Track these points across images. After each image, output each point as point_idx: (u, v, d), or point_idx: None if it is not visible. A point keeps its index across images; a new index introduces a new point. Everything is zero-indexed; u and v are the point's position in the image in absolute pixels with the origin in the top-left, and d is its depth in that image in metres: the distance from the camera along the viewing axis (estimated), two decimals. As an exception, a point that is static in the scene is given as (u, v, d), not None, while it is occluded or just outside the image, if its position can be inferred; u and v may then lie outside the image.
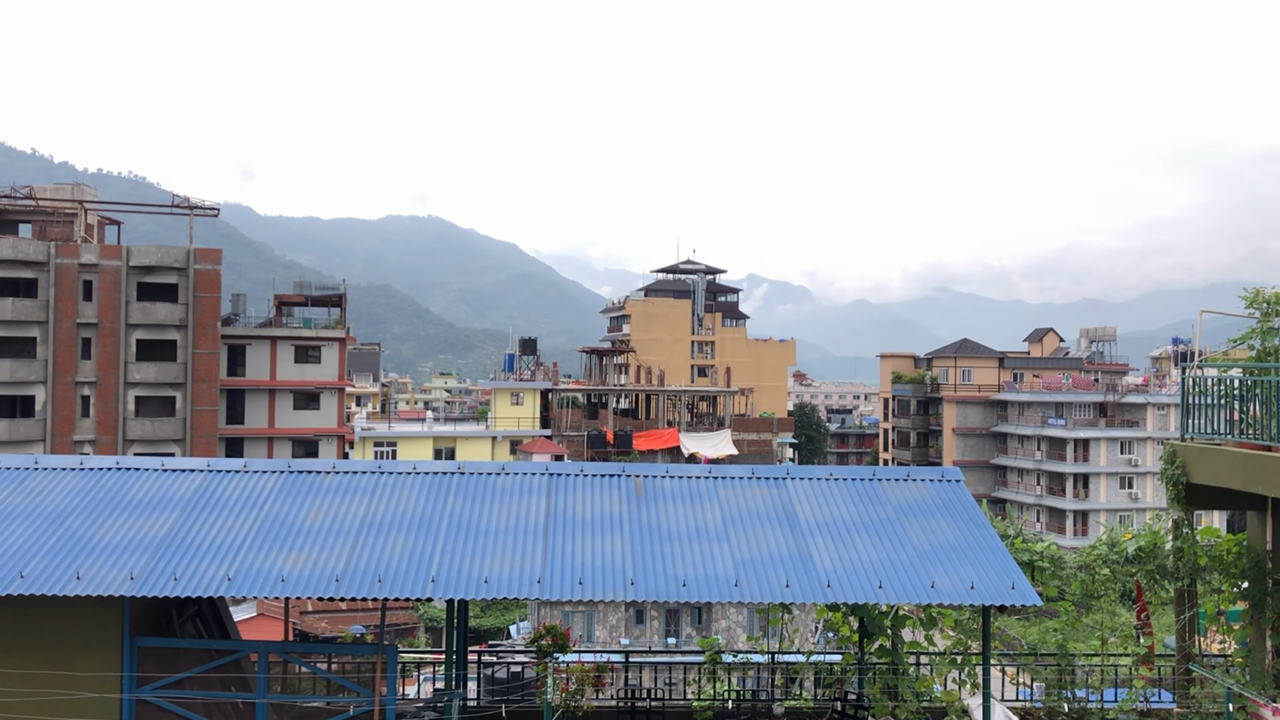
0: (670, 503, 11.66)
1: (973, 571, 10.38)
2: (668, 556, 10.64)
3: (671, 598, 10.10)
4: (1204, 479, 12.33)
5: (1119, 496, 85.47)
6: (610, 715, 12.44)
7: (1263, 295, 13.42)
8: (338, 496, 11.46)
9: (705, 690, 12.88)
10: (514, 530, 10.97)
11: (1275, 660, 12.21)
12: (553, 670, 11.47)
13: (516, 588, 10.12)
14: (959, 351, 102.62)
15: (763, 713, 12.26)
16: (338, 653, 12.87)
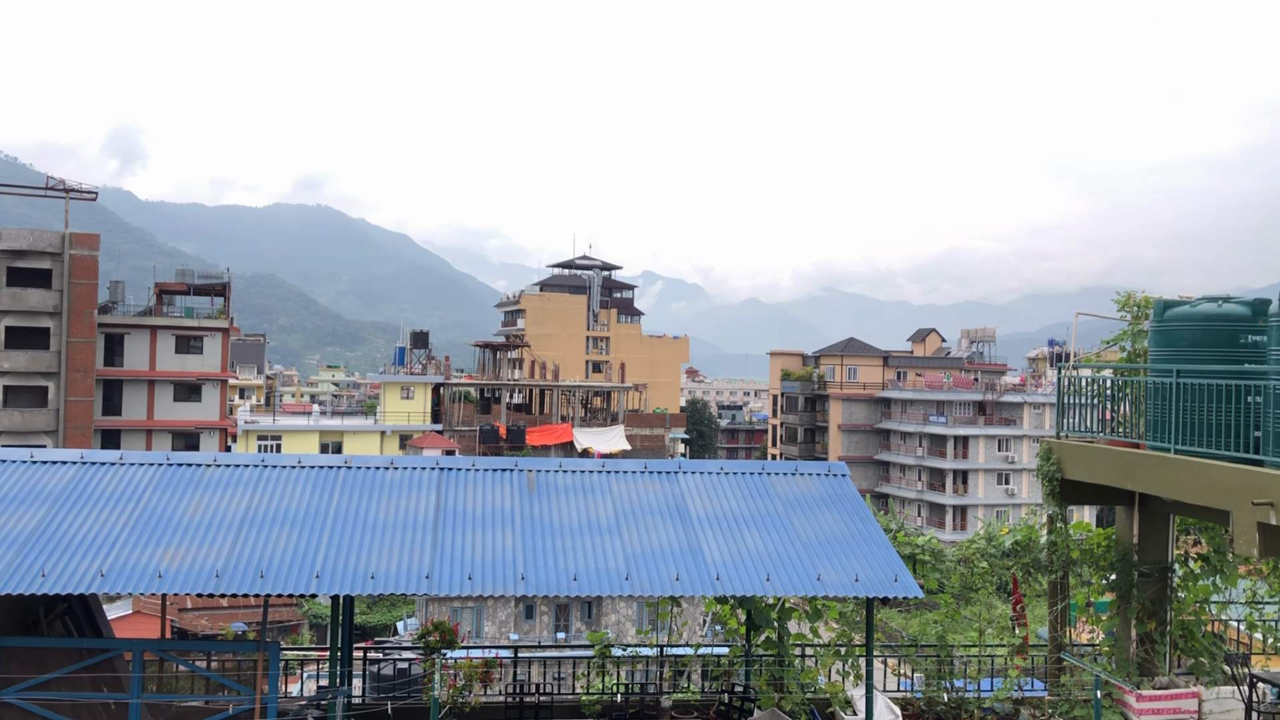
0: (562, 497, 11.64)
1: (857, 564, 10.60)
2: (559, 551, 10.61)
3: (562, 592, 10.08)
4: (1077, 475, 12.82)
5: (997, 492, 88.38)
6: (498, 711, 12.37)
7: (1133, 299, 14.03)
8: (219, 490, 11.13)
9: (594, 684, 12.89)
10: (402, 525, 10.81)
11: (1139, 649, 12.78)
12: (440, 666, 11.35)
13: (404, 583, 9.97)
14: (845, 350, 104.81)
15: (650, 706, 12.34)
16: (217, 650, 12.52)
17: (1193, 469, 10.74)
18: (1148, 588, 12.79)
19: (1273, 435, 9.90)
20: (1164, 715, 12.01)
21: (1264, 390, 10.16)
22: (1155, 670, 12.62)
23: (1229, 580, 13.50)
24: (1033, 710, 12.30)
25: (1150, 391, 11.83)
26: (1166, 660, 12.90)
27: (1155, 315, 12.07)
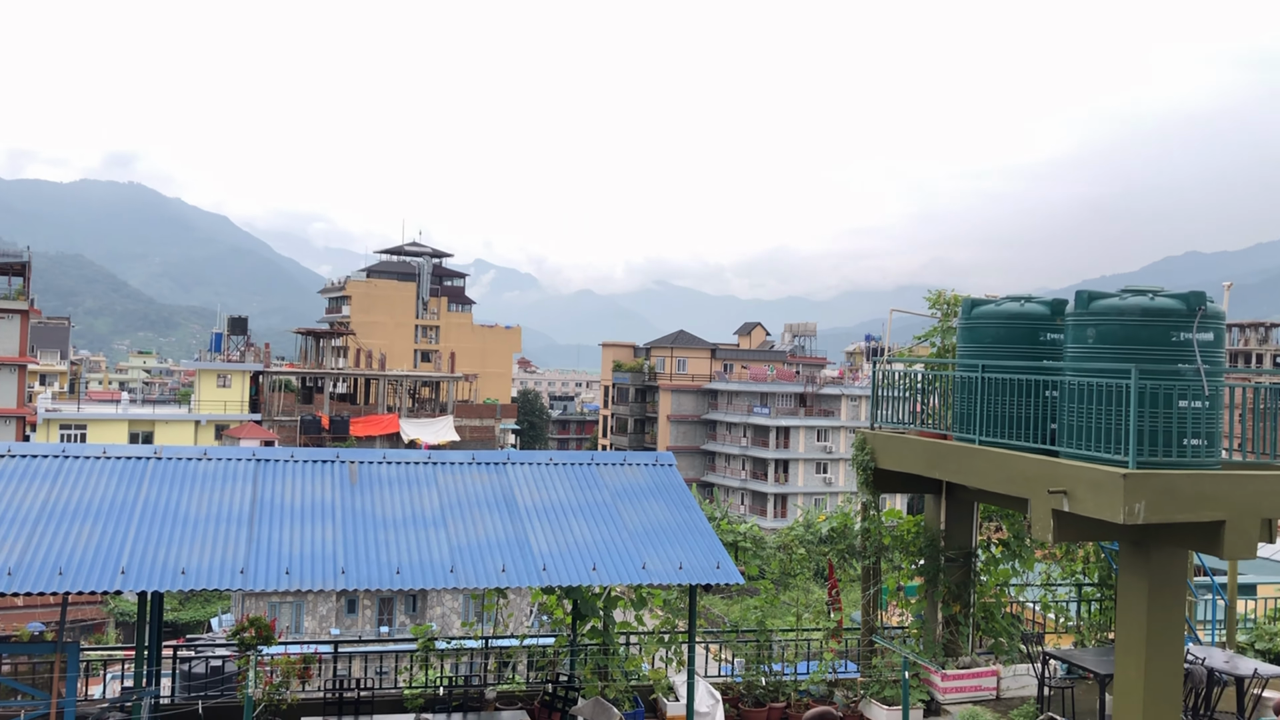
0: (386, 489, 11.41)
1: (681, 552, 10.78)
2: (382, 544, 10.40)
3: (384, 586, 9.89)
4: (890, 465, 13.38)
5: (815, 481, 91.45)
6: (316, 707, 12.03)
7: (943, 298, 14.73)
8: (13, 482, 10.42)
9: (417, 678, 12.70)
10: (215, 519, 10.38)
11: (945, 630, 13.46)
12: (255, 663, 10.95)
13: (217, 579, 9.58)
14: (675, 342, 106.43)
15: (474, 697, 12.24)
16: (10, 652, 11.73)
17: (995, 459, 11.35)
18: (953, 572, 13.47)
19: (1067, 428, 10.55)
20: (966, 692, 12.70)
21: (1060, 385, 10.82)
22: (959, 650, 13.31)
23: (1026, 564, 14.36)
24: (846, 691, 12.79)
25: (958, 385, 12.43)
26: (969, 641, 13.63)
27: (963, 313, 12.69)
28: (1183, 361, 10.05)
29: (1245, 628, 15.36)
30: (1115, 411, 9.97)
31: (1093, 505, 9.79)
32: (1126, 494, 9.39)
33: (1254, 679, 11.02)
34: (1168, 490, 9.52)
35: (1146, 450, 9.76)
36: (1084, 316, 10.60)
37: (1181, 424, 9.92)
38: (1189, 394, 9.97)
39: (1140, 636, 10.17)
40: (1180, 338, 10.10)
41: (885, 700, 12.23)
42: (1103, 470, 9.72)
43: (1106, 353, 10.26)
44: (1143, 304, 10.23)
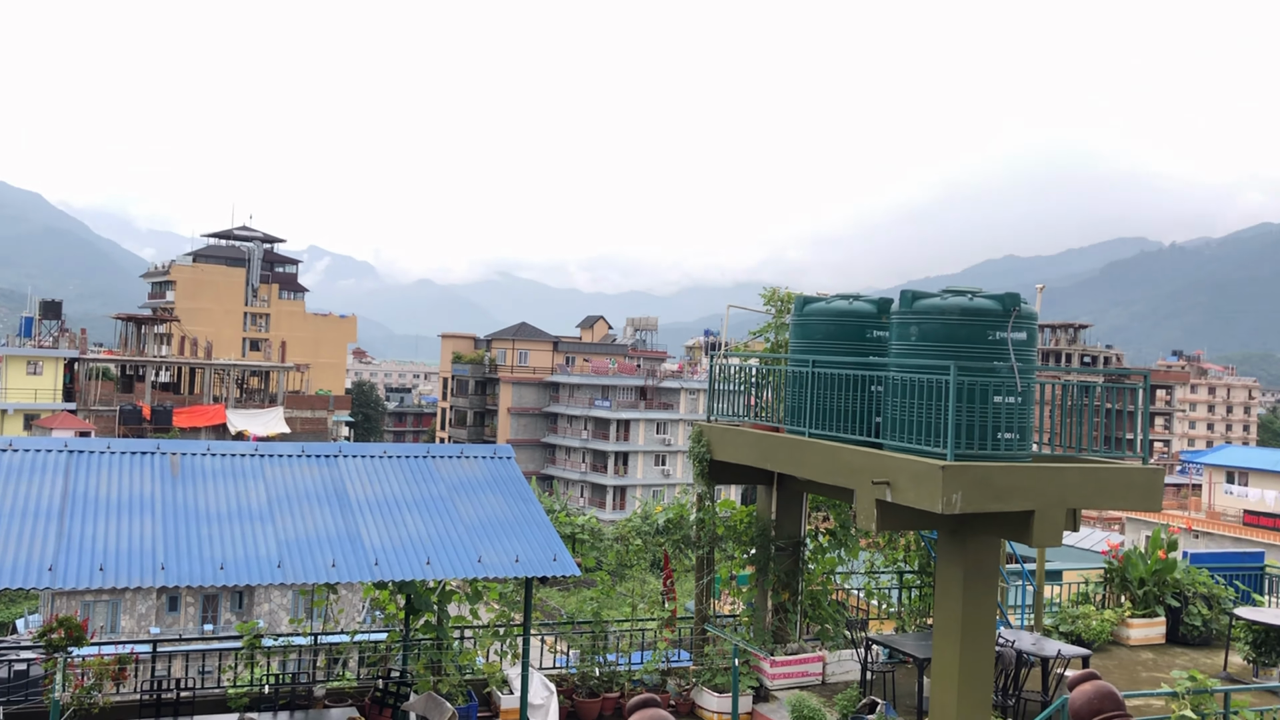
0: (210, 482, 10.97)
1: (518, 545, 10.74)
2: (205, 538, 9.99)
3: (207, 582, 9.50)
4: (725, 457, 13.65)
5: (654, 473, 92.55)
6: (132, 709, 11.47)
7: (778, 294, 15.11)
8: None
9: (242, 677, 12.27)
10: (21, 513, 9.77)
11: (774, 617, 13.82)
12: (64, 665, 10.36)
13: (21, 577, 9.02)
14: (517, 334, 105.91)
15: (302, 695, 11.90)
16: None
17: (824, 451, 11.71)
18: (783, 561, 13.85)
19: (891, 421, 10.97)
20: (794, 678, 13.08)
21: (885, 381, 11.24)
22: (787, 637, 13.70)
23: (852, 553, 14.88)
24: (679, 680, 12.99)
25: (790, 379, 12.77)
26: (797, 627, 14.04)
27: (796, 310, 13.04)
28: (998, 359, 10.58)
29: (1051, 611, 16.32)
30: (935, 406, 10.42)
31: (914, 495, 10.22)
32: (945, 485, 9.83)
33: (1057, 659, 11.72)
34: (983, 481, 10.01)
35: (964, 443, 10.24)
36: (908, 315, 11.04)
37: (996, 418, 10.45)
38: (1003, 390, 10.51)
39: (956, 621, 10.67)
40: (996, 336, 10.63)
41: (716, 688, 12.48)
42: (923, 462, 10.15)
43: (928, 350, 10.71)
44: (962, 304, 10.72)
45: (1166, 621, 16.12)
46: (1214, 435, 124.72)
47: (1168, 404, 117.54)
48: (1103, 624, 15.45)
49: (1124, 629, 15.85)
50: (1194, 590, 16.21)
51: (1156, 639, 15.97)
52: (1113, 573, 16.74)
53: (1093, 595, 16.93)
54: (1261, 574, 19.32)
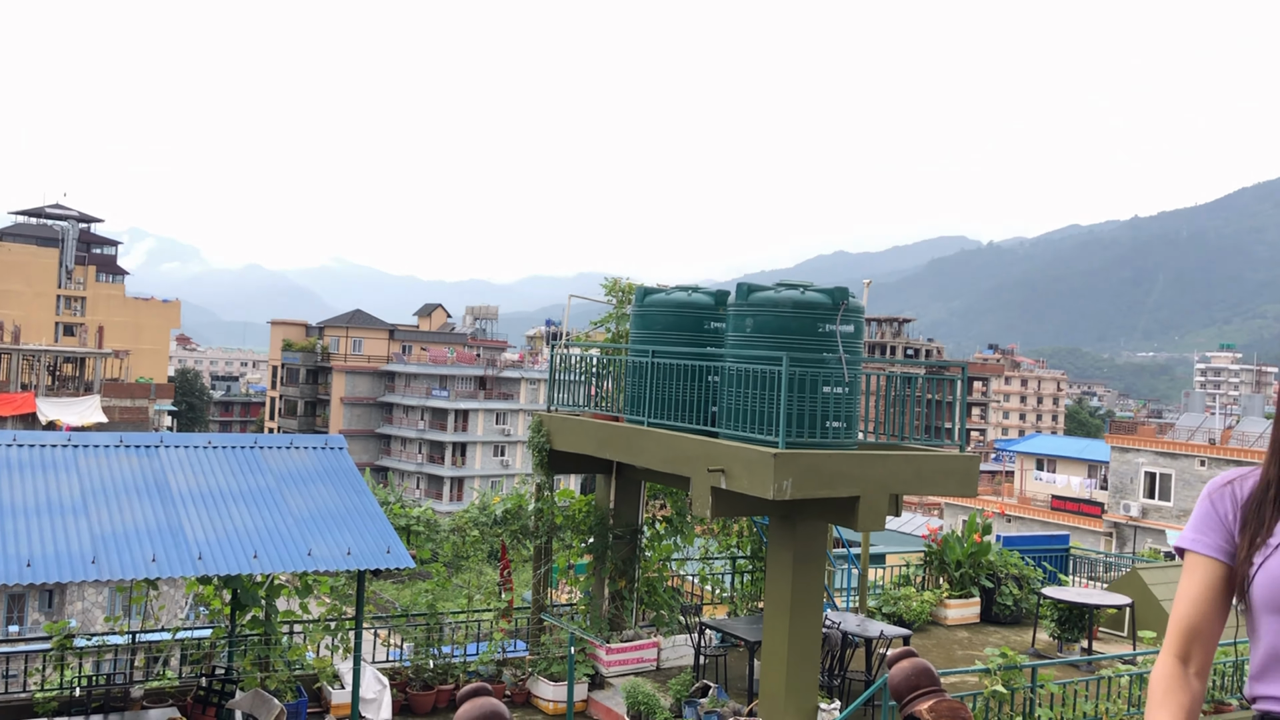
0: (17, 474, 10.32)
1: (350, 538, 10.50)
2: (10, 534, 9.39)
3: (12, 580, 8.94)
4: (564, 446, 13.67)
5: (493, 464, 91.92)
6: (-75, 720, 10.72)
7: (619, 285, 15.21)
8: None
9: (51, 679, 11.60)
10: None
11: (611, 605, 13.94)
12: None
13: None
14: (351, 322, 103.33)
15: (118, 697, 11.34)
16: None
17: (662, 440, 11.87)
18: (620, 549, 13.98)
19: (726, 410, 11.21)
20: (630, 664, 13.22)
21: (721, 371, 11.48)
22: (624, 624, 13.83)
23: (687, 539, 15.13)
24: (514, 670, 12.96)
25: (629, 369, 12.89)
26: (633, 614, 14.20)
27: (636, 300, 13.16)
28: (827, 351, 10.93)
29: (875, 593, 16.98)
30: (768, 396, 10.70)
31: (747, 482, 10.47)
32: (776, 472, 10.11)
33: (880, 639, 12.21)
34: (812, 468, 10.34)
35: (794, 432, 10.55)
36: (743, 307, 11.30)
37: (825, 408, 10.80)
38: (832, 381, 10.87)
39: (785, 604, 11.00)
40: (826, 329, 10.98)
41: (552, 676, 12.51)
42: (756, 450, 10.41)
43: (762, 341, 10.98)
44: (794, 297, 11.03)
45: (981, 601, 17.00)
46: (1025, 425, 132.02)
47: (984, 395, 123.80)
48: (922, 605, 16.18)
49: (942, 609, 16.64)
50: (1006, 572, 17.13)
51: (972, 618, 16.82)
52: (932, 556, 17.54)
53: (913, 577, 17.70)
54: (1067, 555, 20.60)
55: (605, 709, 12.39)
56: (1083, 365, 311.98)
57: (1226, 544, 2.16)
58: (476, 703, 1.41)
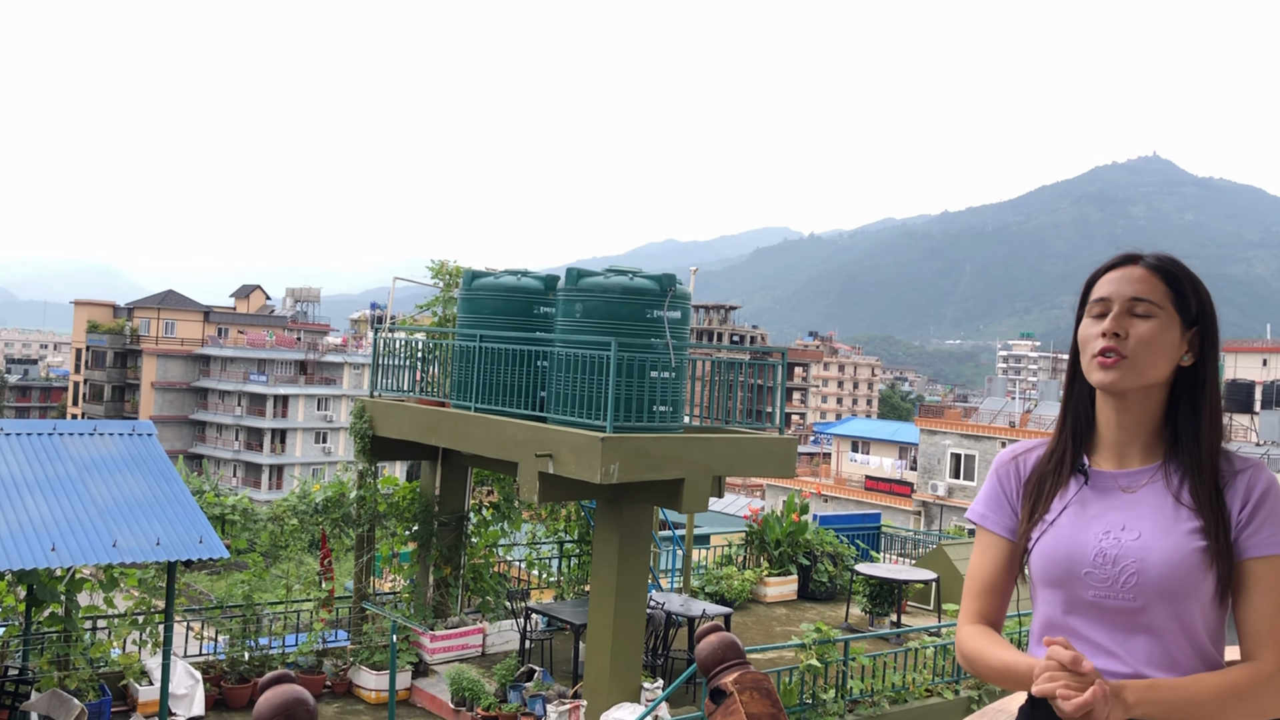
0: None
1: (160, 528, 10.04)
2: None
3: None
4: (388, 432, 13.43)
5: (315, 451, 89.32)
6: None
7: (446, 268, 15.00)
8: None
9: None
10: None
11: (435, 592, 13.79)
12: None
13: None
14: (163, 303, 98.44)
15: (-102, 705, 10.53)
16: None
17: (489, 425, 11.81)
18: (446, 535, 13.84)
19: (555, 395, 11.24)
20: (454, 651, 13.12)
21: (550, 356, 11.49)
22: (449, 611, 13.71)
23: (515, 525, 15.11)
24: (335, 660, 12.68)
25: (457, 354, 12.76)
26: (459, 601, 14.09)
27: (464, 284, 13.02)
28: (655, 336, 11.09)
29: (699, 573, 17.36)
30: (597, 380, 10.78)
31: (574, 467, 10.54)
32: (604, 456, 10.20)
33: (703, 618, 12.49)
34: (638, 452, 10.48)
35: (622, 416, 10.67)
36: (573, 292, 11.34)
37: (652, 392, 10.97)
38: (659, 365, 11.04)
39: (610, 587, 11.13)
40: (654, 315, 11.14)
41: (374, 665, 12.29)
42: (584, 434, 10.49)
43: (591, 326, 11.05)
44: (623, 283, 11.14)
45: (798, 579, 17.60)
46: (842, 408, 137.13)
47: (804, 380, 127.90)
48: (743, 583, 16.64)
49: (762, 587, 17.15)
50: (822, 550, 17.79)
51: (790, 595, 17.40)
52: (753, 535, 18.05)
53: (735, 557, 18.18)
54: (878, 533, 21.55)
55: (429, 697, 12.27)
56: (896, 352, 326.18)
57: (1010, 520, 2.31)
58: (278, 691, 1.38)
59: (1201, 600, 2.10)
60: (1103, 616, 2.14)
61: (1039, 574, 2.22)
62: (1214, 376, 2.23)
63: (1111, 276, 2.23)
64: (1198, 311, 2.21)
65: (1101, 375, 2.16)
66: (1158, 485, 2.19)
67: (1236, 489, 2.16)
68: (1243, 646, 2.13)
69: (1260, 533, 2.11)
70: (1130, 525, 2.15)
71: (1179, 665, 2.10)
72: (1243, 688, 2.02)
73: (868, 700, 12.17)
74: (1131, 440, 2.23)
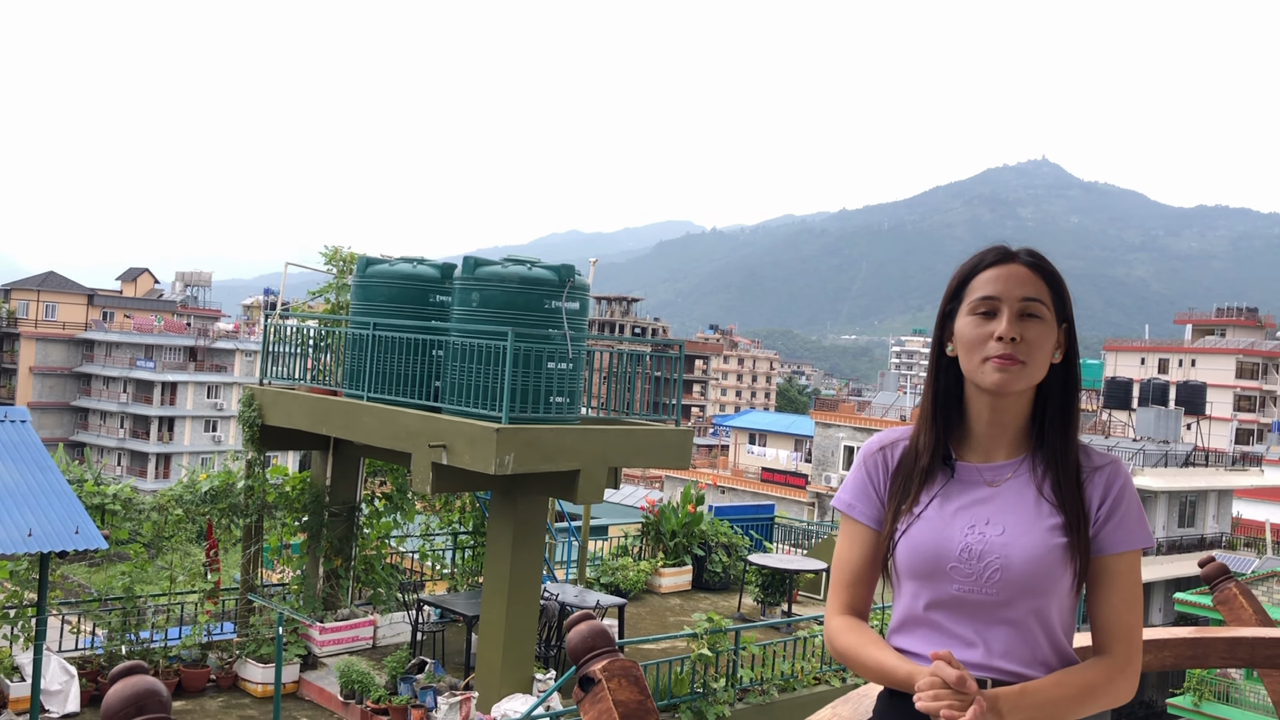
0: None
1: (32, 518, 9.67)
2: None
3: None
4: (278, 421, 13.14)
5: (205, 440, 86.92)
6: None
7: (339, 254, 14.72)
8: None
9: None
10: None
11: (326, 584, 13.57)
12: None
13: None
14: (44, 284, 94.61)
15: None
16: None
17: (382, 415, 11.64)
18: (336, 527, 13.61)
19: (450, 385, 11.13)
20: (344, 643, 12.93)
21: (445, 345, 11.38)
22: (339, 603, 13.50)
23: (408, 516, 14.94)
24: (220, 653, 12.38)
25: (349, 342, 12.54)
26: (349, 593, 13.88)
27: (358, 271, 12.80)
28: (553, 327, 11.07)
29: (594, 564, 17.40)
30: (493, 371, 10.72)
31: (469, 458, 10.46)
32: (499, 447, 10.15)
33: (595, 609, 12.53)
34: (533, 443, 10.46)
35: (518, 407, 10.63)
36: (470, 281, 11.24)
37: (549, 383, 10.95)
38: (556, 356, 11.03)
39: (504, 578, 11.09)
40: (552, 305, 11.12)
41: (261, 658, 12.03)
42: (479, 425, 10.42)
43: (488, 315, 10.98)
44: (521, 273, 11.09)
45: (693, 570, 17.77)
46: (741, 401, 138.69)
47: (704, 373, 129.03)
48: (639, 574, 16.73)
49: (657, 578, 17.27)
50: (716, 540, 17.98)
51: (684, 586, 17.56)
52: (649, 527, 18.16)
53: (631, 548, 18.26)
54: (772, 524, 21.87)
55: (318, 689, 12.07)
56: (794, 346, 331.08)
57: (877, 510, 2.32)
58: (127, 683, 1.32)
59: (1060, 594, 2.16)
60: (965, 609, 2.17)
61: (904, 567, 2.23)
62: (1078, 373, 2.28)
63: (996, 274, 2.22)
64: (1067, 309, 2.24)
65: (998, 378, 2.15)
66: (1022, 479, 2.22)
67: (1096, 485, 2.21)
68: (1095, 639, 2.21)
69: (1119, 530, 2.18)
70: (995, 520, 2.18)
71: (1035, 657, 2.16)
72: (1100, 683, 2.12)
73: (757, 689, 12.36)
74: (1001, 435, 2.26)
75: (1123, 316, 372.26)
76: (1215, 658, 3.37)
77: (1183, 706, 32.84)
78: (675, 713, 11.43)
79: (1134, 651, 2.18)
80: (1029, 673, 2.14)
